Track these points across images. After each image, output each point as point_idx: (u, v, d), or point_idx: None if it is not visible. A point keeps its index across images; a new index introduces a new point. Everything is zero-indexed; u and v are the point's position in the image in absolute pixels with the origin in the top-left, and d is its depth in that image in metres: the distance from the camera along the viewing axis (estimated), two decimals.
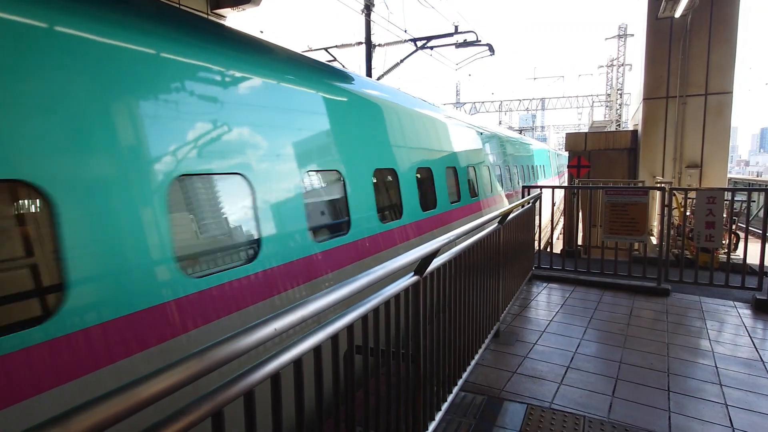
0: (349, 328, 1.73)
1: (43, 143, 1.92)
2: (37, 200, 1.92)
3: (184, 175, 2.52)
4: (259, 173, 3.01)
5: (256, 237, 2.97)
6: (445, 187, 6.46)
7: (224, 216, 2.86)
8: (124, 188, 2.21)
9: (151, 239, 2.29)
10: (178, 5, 9.65)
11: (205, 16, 10.83)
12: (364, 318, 1.82)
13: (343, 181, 4.01)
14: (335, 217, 3.97)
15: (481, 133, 9.16)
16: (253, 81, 3.17)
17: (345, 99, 4.27)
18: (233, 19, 11.70)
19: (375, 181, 4.56)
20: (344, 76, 4.65)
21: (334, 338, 1.62)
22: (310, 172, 3.59)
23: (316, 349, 1.51)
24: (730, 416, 3.05)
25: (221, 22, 11.30)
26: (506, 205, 5.76)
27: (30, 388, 1.79)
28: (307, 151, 3.57)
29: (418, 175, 5.64)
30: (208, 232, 2.79)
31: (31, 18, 1.96)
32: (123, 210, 2.20)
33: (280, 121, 3.34)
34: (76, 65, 2.09)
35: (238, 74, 3.02)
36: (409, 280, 2.20)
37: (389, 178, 5.03)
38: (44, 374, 1.83)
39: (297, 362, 1.41)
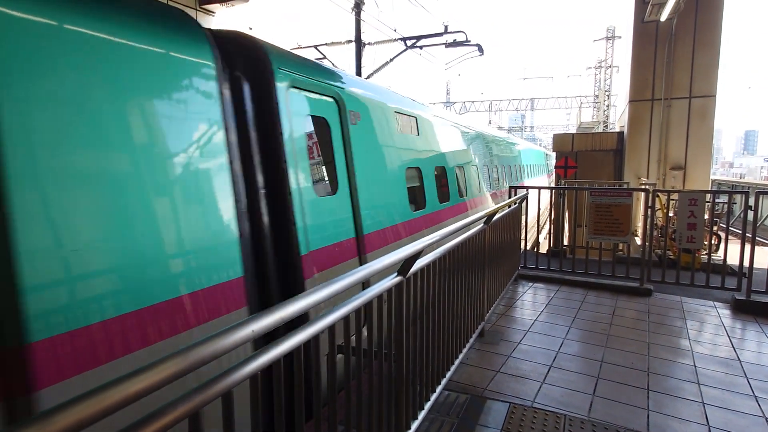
0: (331, 328, 1.73)
1: None
2: None
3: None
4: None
5: None
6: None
7: None
8: None
9: None
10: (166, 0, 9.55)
11: (194, 11, 10.73)
12: (346, 318, 1.83)
13: None
14: None
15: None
16: None
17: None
18: (222, 15, 11.61)
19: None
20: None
21: (316, 339, 1.63)
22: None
23: (297, 350, 1.52)
24: (706, 414, 3.12)
25: (209, 18, 11.22)
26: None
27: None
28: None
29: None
30: None
31: None
32: None
33: None
34: None
35: None
36: (392, 280, 2.21)
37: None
38: None
39: (277, 363, 1.42)
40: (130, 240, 2.13)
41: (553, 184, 17.28)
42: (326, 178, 3.91)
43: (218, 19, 11.52)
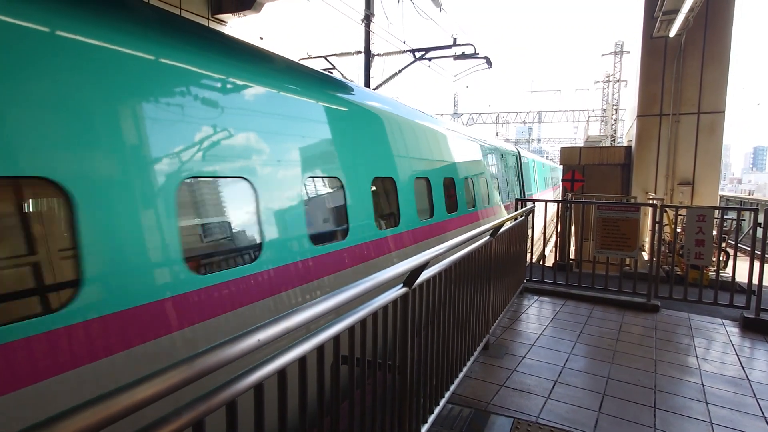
0: (336, 338, 1.73)
1: None
2: None
3: None
4: None
5: None
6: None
7: None
8: None
9: None
10: (179, 10, 9.69)
11: (206, 21, 10.88)
12: (351, 329, 1.82)
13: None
14: None
15: None
16: None
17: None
18: (234, 24, 11.77)
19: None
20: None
21: (320, 349, 1.63)
22: None
23: (302, 360, 1.51)
24: None
25: (221, 27, 11.37)
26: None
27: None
28: None
29: None
30: None
31: None
32: None
33: None
34: None
35: None
36: (397, 291, 2.21)
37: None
38: None
39: (281, 372, 1.41)
40: None
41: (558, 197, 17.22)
42: None
43: (230, 29, 11.67)
